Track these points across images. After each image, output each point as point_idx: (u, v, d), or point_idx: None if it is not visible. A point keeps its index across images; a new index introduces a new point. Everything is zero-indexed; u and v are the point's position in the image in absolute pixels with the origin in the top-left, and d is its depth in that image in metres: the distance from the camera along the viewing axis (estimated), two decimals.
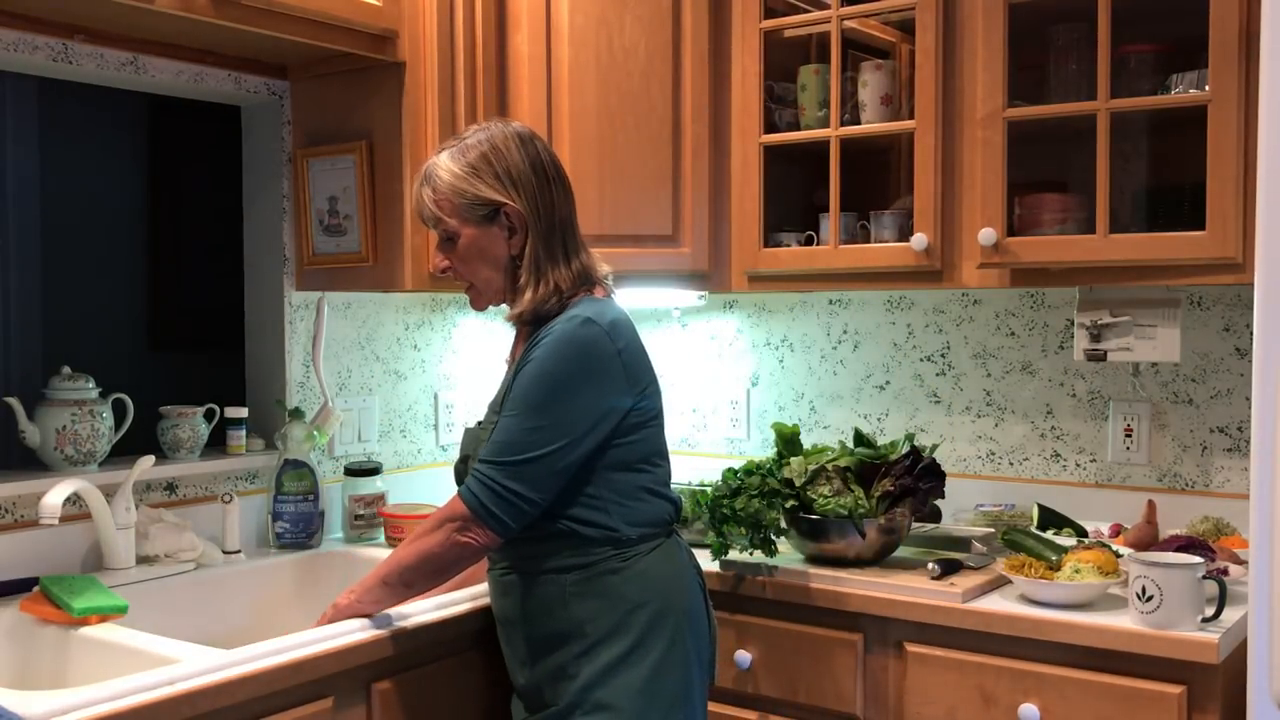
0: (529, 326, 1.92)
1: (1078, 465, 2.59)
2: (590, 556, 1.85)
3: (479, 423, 1.99)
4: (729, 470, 2.34)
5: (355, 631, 1.87)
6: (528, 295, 1.89)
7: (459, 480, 1.95)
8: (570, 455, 1.81)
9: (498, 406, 1.90)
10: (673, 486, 2.43)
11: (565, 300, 1.89)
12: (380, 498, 2.62)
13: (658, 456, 1.94)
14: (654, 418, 1.92)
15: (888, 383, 2.82)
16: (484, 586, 2.12)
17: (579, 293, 1.91)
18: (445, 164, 1.89)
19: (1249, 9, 2.00)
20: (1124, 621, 1.94)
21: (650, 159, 2.55)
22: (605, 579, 1.84)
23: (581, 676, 1.83)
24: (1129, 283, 2.20)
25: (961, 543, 2.38)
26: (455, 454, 2.93)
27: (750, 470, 2.31)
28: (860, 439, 2.42)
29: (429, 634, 1.97)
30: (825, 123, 2.50)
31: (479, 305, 1.98)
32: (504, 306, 1.98)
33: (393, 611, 1.95)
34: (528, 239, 1.89)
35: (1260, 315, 1.71)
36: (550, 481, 1.81)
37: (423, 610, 2.00)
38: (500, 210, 1.88)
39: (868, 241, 2.50)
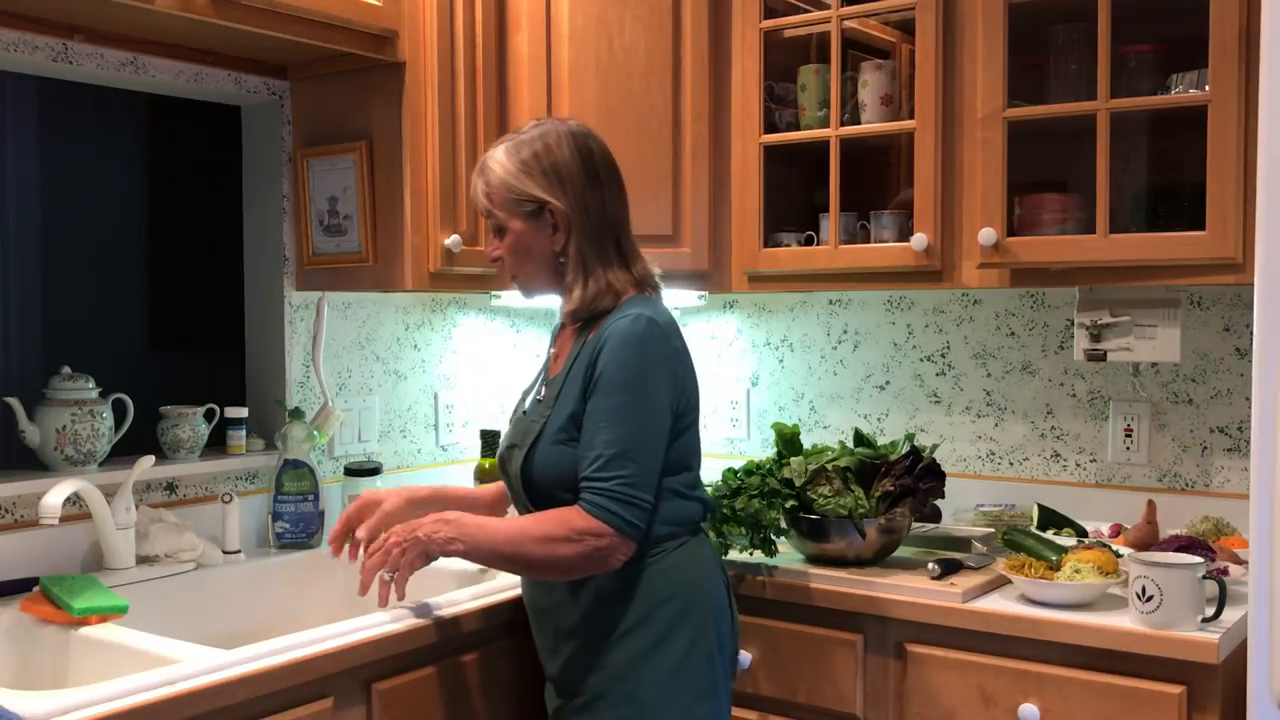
0: (582, 321, 1.94)
1: (1078, 465, 2.59)
2: None
3: (524, 411, 2.01)
4: (729, 470, 2.34)
5: (355, 631, 1.87)
6: (576, 293, 1.92)
7: (503, 467, 1.98)
8: (666, 449, 1.85)
9: (552, 401, 1.91)
10: None
11: (618, 298, 1.91)
12: None
13: (693, 458, 1.96)
14: (693, 421, 1.94)
15: (888, 383, 2.82)
16: (486, 585, 2.13)
17: (630, 291, 1.93)
18: (499, 158, 1.93)
19: (1249, 9, 2.00)
20: (1124, 621, 1.94)
21: (650, 159, 2.55)
22: (633, 574, 1.86)
23: (609, 668, 1.86)
24: (1129, 283, 2.20)
25: (961, 543, 2.39)
26: (456, 454, 2.94)
27: (750, 470, 2.31)
28: (860, 439, 2.42)
29: (430, 634, 1.97)
30: (825, 123, 2.50)
31: (527, 295, 2.02)
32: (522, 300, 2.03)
33: (393, 612, 1.96)
34: (570, 237, 1.91)
35: (1260, 315, 1.71)
36: (658, 480, 1.85)
37: (424, 609, 2.00)
38: (545, 208, 1.90)
39: (868, 241, 2.50)
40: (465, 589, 2.12)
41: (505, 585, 2.15)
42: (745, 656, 2.27)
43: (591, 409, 1.84)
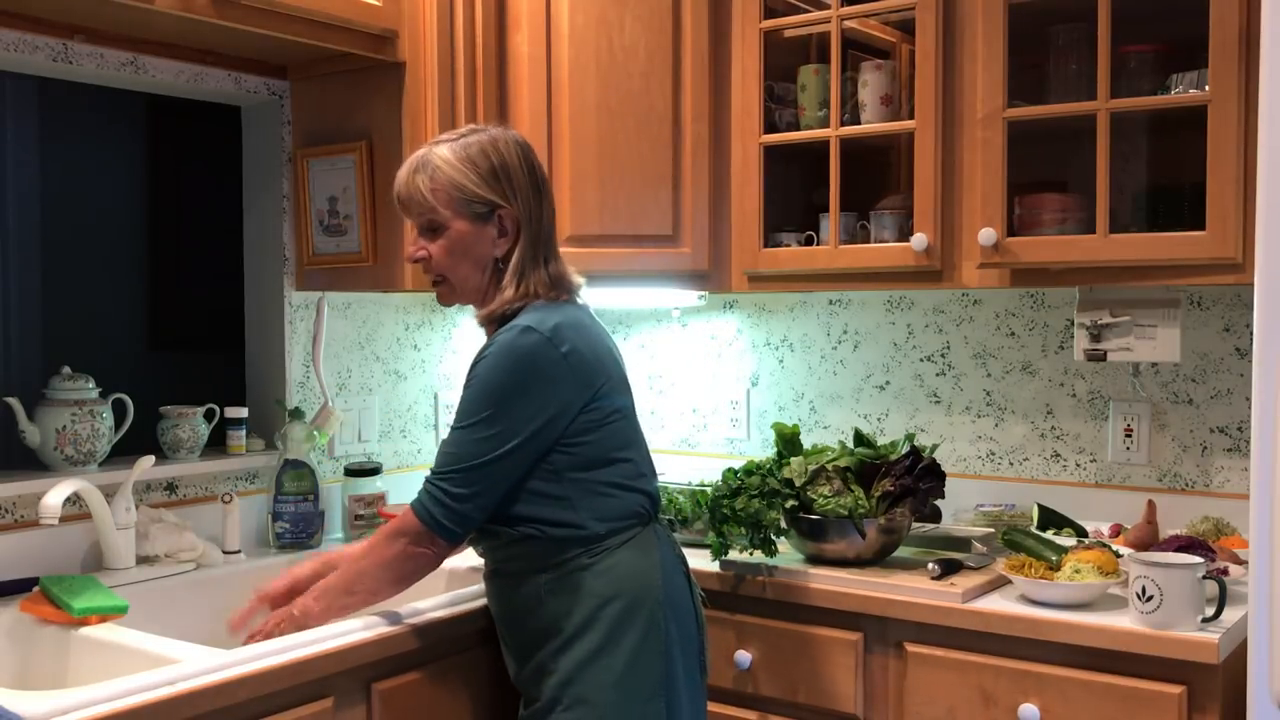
0: (494, 326, 1.93)
1: (1078, 465, 2.59)
2: (561, 556, 1.87)
3: None
4: (729, 470, 2.34)
5: (355, 631, 1.87)
6: (507, 294, 1.91)
7: None
8: (516, 461, 1.84)
9: None
10: (671, 486, 2.42)
11: (525, 304, 1.91)
12: (380, 498, 2.62)
13: (624, 451, 1.94)
14: (614, 413, 1.92)
15: (888, 383, 2.82)
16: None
17: (540, 296, 1.93)
18: (446, 156, 1.92)
19: (1249, 9, 2.00)
20: (1124, 621, 1.94)
21: (650, 159, 2.55)
22: (576, 576, 1.86)
23: (560, 672, 1.85)
24: (1129, 283, 2.20)
25: (961, 543, 2.39)
26: None
27: (750, 470, 2.31)
28: (860, 439, 2.42)
29: (430, 633, 1.97)
30: (825, 123, 2.49)
31: (447, 300, 2.00)
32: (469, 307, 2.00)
33: (394, 610, 1.96)
34: (517, 243, 1.92)
35: (1260, 315, 1.71)
36: (498, 487, 1.85)
37: (424, 610, 2.00)
38: (495, 211, 1.90)
39: (868, 241, 2.50)
40: (466, 588, 2.12)
41: None
42: (745, 656, 2.27)
43: (456, 410, 1.89)
